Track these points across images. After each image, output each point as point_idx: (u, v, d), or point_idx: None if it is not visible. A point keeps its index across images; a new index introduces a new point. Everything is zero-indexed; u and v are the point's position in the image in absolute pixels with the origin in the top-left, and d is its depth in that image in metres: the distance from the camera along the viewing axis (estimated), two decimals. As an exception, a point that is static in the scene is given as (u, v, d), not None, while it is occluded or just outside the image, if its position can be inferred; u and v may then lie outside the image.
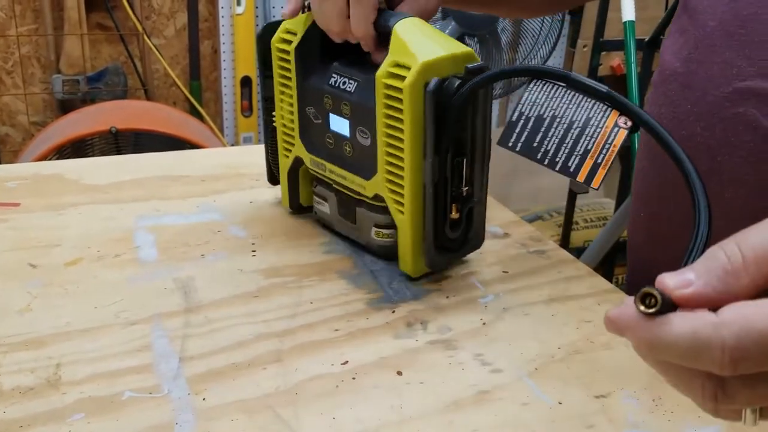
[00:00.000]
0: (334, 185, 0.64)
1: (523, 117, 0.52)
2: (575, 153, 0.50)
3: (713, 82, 0.54)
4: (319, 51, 0.63)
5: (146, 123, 1.67)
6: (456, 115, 0.55)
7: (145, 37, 2.18)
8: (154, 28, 2.24)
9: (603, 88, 0.50)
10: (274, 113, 0.67)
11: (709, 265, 0.28)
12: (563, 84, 0.51)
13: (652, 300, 0.28)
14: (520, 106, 0.52)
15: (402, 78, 0.54)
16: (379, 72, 0.55)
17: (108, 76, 2.17)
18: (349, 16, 0.57)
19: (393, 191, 0.59)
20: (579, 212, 2.09)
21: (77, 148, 1.61)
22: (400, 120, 0.55)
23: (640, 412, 0.47)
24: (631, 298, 0.28)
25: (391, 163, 0.58)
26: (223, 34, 2.22)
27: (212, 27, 2.27)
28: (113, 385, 0.47)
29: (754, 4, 0.53)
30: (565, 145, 0.50)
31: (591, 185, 0.48)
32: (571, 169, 0.49)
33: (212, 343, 0.52)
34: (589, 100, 0.51)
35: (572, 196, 1.91)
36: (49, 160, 1.56)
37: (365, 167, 0.60)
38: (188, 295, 0.58)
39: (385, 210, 0.61)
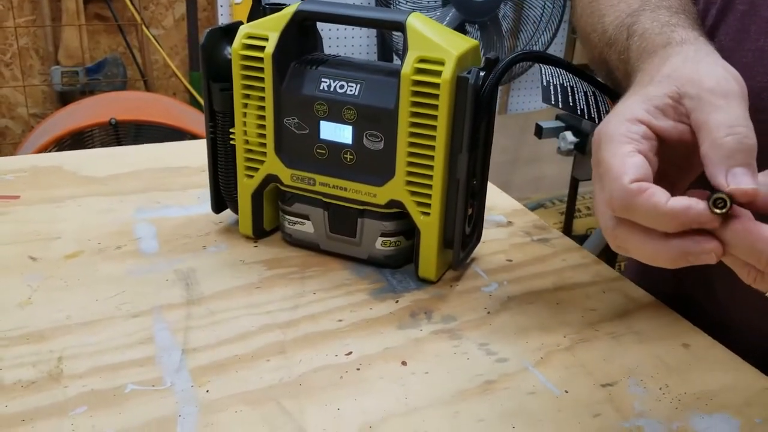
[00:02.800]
0: (324, 199, 0.60)
1: (551, 84, 0.56)
2: (602, 112, 0.57)
3: (748, 72, 0.49)
4: (296, 54, 0.59)
5: (146, 114, 1.66)
6: (486, 106, 0.55)
7: (144, 28, 2.17)
8: (153, 18, 2.23)
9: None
10: (231, 130, 0.61)
11: None
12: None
13: (722, 202, 0.35)
14: (543, 76, 0.57)
15: (435, 73, 0.53)
16: (405, 70, 0.53)
17: (107, 67, 2.16)
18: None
19: (416, 193, 0.57)
20: (581, 200, 2.08)
21: (77, 140, 1.60)
22: (433, 117, 0.54)
23: (647, 400, 0.47)
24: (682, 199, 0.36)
25: (416, 164, 0.56)
26: (222, 24, 2.21)
27: (211, 16, 2.26)
28: (115, 378, 0.47)
29: None
30: (592, 105, 0.55)
31: None
32: None
33: (215, 335, 0.52)
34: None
35: (574, 184, 1.90)
36: (49, 152, 1.55)
37: (375, 173, 0.58)
38: (190, 286, 0.57)
39: (396, 216, 0.59)
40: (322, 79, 0.58)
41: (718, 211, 0.35)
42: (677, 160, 0.41)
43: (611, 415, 0.46)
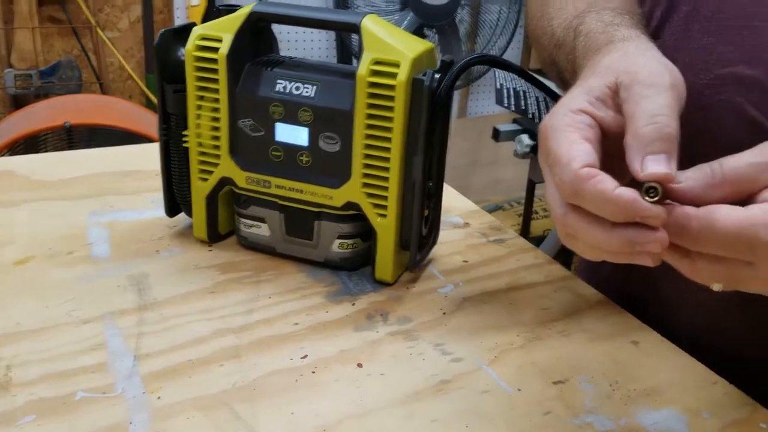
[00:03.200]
0: (280, 202, 0.60)
1: (504, 87, 0.57)
2: None
3: (692, 70, 0.51)
4: (251, 56, 0.59)
5: (101, 117, 1.64)
6: (441, 108, 0.55)
7: (99, 30, 2.13)
8: (108, 20, 2.20)
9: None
10: (185, 132, 0.61)
11: (698, 174, 0.37)
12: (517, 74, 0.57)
13: (654, 191, 0.36)
14: (497, 79, 0.58)
15: (391, 75, 0.53)
16: (361, 71, 0.54)
17: (61, 70, 2.12)
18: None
19: (373, 195, 0.57)
20: (538, 202, 2.11)
21: (30, 144, 1.57)
22: (389, 119, 0.54)
23: (597, 397, 0.48)
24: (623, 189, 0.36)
25: (372, 166, 0.56)
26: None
27: (167, 19, 2.23)
28: (65, 385, 0.46)
29: None
30: (543, 110, 0.55)
31: None
32: None
33: (168, 341, 0.51)
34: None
35: (531, 186, 1.92)
36: (1, 156, 1.52)
37: (332, 175, 0.58)
38: (143, 292, 0.57)
39: (353, 218, 0.60)
40: (278, 81, 0.58)
41: (649, 199, 0.36)
42: (619, 153, 0.41)
43: (562, 412, 0.46)
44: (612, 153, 0.40)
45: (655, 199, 0.36)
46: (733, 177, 0.36)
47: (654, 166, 0.36)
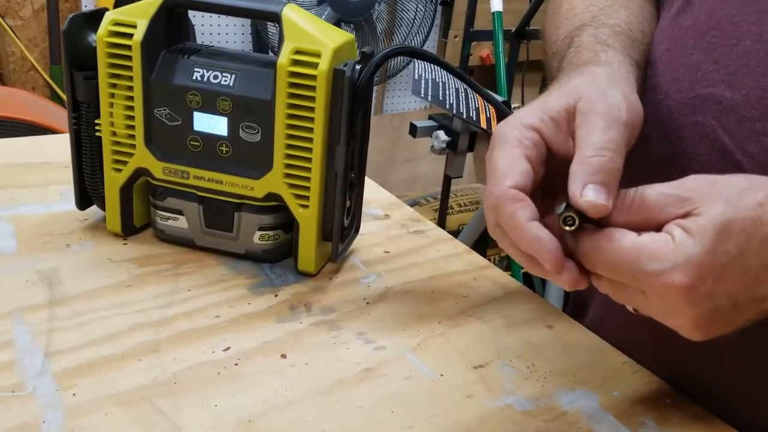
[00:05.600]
0: (199, 193, 0.59)
1: (422, 78, 0.59)
2: (471, 108, 0.58)
3: (676, 86, 0.50)
4: (166, 43, 0.58)
5: (2, 110, 1.55)
6: (362, 98, 0.55)
7: (-2, 18, 2.02)
8: (9, 8, 2.08)
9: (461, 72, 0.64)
10: (97, 122, 0.59)
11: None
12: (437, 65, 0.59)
13: (571, 220, 0.38)
14: (416, 70, 0.59)
15: (312, 65, 0.53)
16: (282, 61, 0.53)
17: (-45, 59, 2.00)
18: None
19: (295, 186, 0.57)
20: (453, 197, 2.15)
21: None
22: (310, 109, 0.54)
23: (515, 379, 0.50)
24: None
25: (294, 156, 0.56)
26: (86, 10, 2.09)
27: (74, 7, 2.14)
28: (-31, 386, 0.43)
29: (730, 3, 0.48)
30: (461, 101, 0.57)
31: (491, 131, 0.58)
32: (474, 118, 0.61)
33: (81, 337, 0.49)
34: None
35: (447, 181, 1.96)
36: None
37: (253, 166, 0.57)
38: (53, 287, 0.54)
39: (274, 210, 0.59)
40: (195, 69, 0.56)
41: (567, 228, 0.37)
42: (557, 173, 0.42)
43: (483, 395, 0.48)
44: (559, 172, 0.41)
45: (573, 227, 0.37)
46: (640, 203, 0.38)
47: (594, 194, 0.37)
